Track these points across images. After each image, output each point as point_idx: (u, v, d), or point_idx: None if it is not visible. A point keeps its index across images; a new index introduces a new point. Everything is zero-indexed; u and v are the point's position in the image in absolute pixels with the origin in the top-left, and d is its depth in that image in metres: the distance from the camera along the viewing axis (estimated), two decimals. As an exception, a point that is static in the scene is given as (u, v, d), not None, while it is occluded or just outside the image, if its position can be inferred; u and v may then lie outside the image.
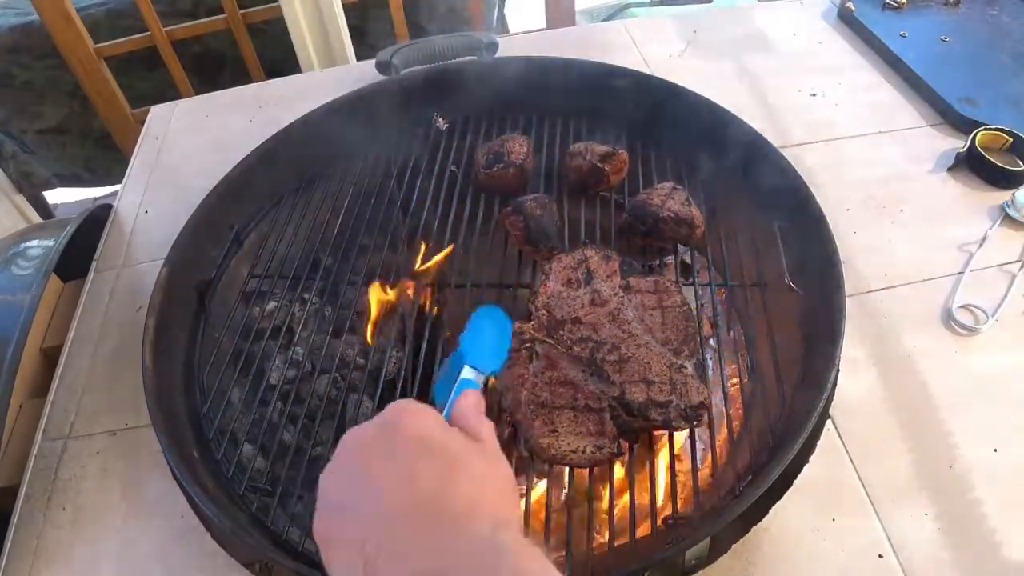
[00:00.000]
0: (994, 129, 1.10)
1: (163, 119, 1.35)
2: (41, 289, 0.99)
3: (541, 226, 0.90)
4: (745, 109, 1.04)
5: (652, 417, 0.72)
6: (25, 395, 0.96)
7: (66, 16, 1.57)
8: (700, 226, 0.92)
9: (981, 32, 1.34)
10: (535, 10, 1.97)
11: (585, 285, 0.84)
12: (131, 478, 0.85)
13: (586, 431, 0.72)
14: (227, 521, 0.70)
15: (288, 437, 0.85)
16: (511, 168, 0.99)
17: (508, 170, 0.99)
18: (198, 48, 1.84)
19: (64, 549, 0.80)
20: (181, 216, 0.98)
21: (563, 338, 0.79)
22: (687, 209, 0.91)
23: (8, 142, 2.05)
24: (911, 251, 0.99)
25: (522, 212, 0.91)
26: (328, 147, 1.12)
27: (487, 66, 1.19)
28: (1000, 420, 0.82)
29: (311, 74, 1.55)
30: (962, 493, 0.77)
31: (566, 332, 0.79)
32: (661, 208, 0.91)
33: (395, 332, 0.93)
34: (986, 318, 0.91)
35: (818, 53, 1.35)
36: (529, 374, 0.76)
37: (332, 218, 1.03)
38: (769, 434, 0.77)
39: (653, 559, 0.65)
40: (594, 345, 0.78)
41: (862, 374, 0.87)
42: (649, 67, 1.32)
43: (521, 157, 1.00)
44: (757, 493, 0.67)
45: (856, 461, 0.79)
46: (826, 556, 0.73)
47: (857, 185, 1.08)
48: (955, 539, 0.73)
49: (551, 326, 0.80)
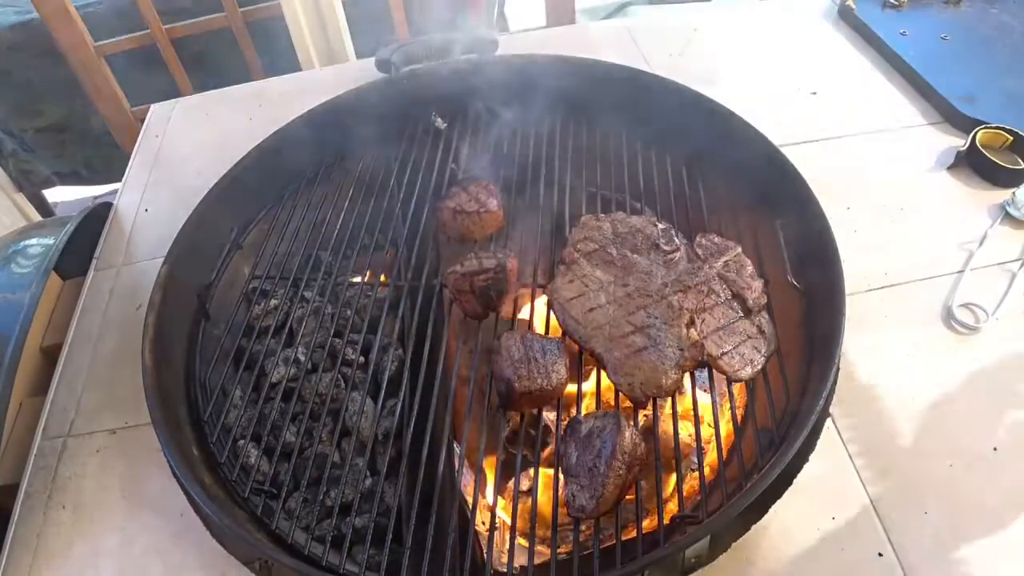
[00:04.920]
0: (994, 127, 1.10)
1: (163, 117, 1.35)
2: (41, 287, 0.99)
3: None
4: (745, 107, 1.03)
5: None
6: (25, 393, 0.96)
7: (66, 14, 1.56)
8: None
9: (981, 30, 1.34)
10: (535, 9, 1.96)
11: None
12: (131, 476, 0.85)
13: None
14: (226, 519, 0.70)
15: (290, 437, 0.85)
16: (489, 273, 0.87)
17: (486, 274, 0.87)
18: (198, 47, 1.84)
19: (64, 546, 0.80)
20: (181, 214, 0.98)
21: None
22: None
23: (8, 140, 2.05)
24: (911, 250, 0.99)
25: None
26: (328, 146, 1.11)
27: (487, 64, 1.19)
28: (1000, 418, 0.82)
29: (311, 72, 1.55)
30: (962, 492, 0.76)
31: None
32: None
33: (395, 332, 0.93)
34: (986, 316, 0.91)
35: (818, 51, 1.34)
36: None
37: (332, 217, 1.03)
38: (770, 433, 0.77)
39: (653, 557, 0.65)
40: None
41: (863, 372, 0.87)
42: (649, 65, 1.32)
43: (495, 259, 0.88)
44: (757, 492, 0.67)
45: (856, 461, 0.79)
46: (826, 555, 0.73)
47: (857, 184, 1.08)
48: (955, 539, 0.73)
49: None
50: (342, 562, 0.71)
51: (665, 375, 0.78)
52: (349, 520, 0.76)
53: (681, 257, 0.90)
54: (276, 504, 0.77)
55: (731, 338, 0.82)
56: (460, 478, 0.79)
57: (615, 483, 0.70)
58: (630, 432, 0.72)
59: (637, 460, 0.72)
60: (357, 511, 0.78)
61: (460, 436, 0.79)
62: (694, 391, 0.83)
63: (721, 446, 0.81)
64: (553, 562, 0.69)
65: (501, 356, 0.79)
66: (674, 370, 0.79)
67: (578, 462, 0.72)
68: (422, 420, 0.80)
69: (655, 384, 0.78)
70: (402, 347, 0.91)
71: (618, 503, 0.71)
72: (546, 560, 0.71)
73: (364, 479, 0.81)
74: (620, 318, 0.83)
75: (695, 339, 0.81)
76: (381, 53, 1.25)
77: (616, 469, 0.70)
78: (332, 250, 1.00)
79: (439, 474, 0.74)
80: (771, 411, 0.79)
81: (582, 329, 0.83)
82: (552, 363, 0.79)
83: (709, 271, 0.88)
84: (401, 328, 0.91)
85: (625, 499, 0.72)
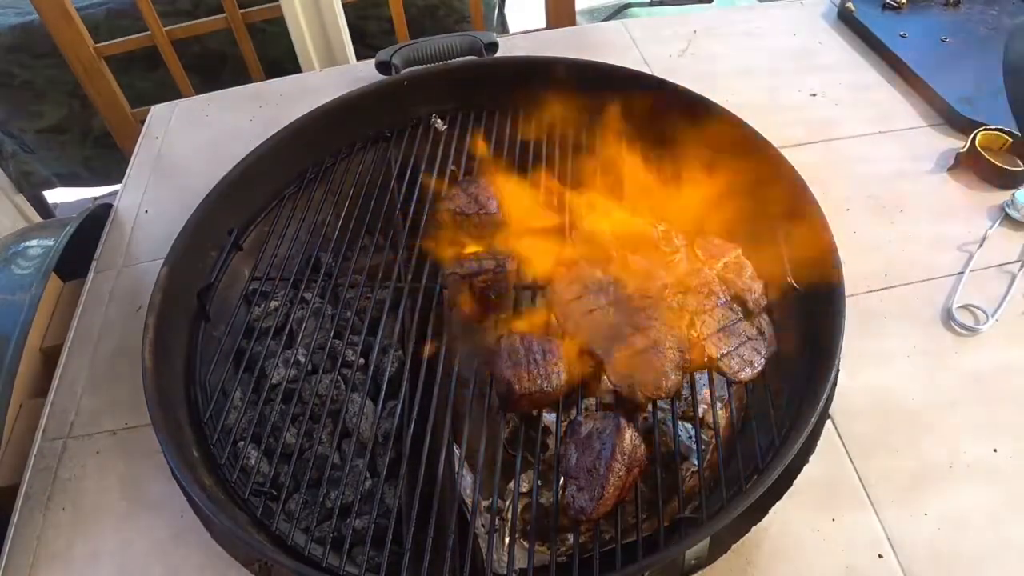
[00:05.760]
0: (994, 129, 1.10)
1: (163, 119, 1.35)
2: (41, 289, 0.99)
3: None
4: (745, 109, 1.03)
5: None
6: (25, 395, 0.96)
7: (66, 15, 1.56)
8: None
9: (981, 32, 1.34)
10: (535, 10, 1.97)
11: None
12: (131, 478, 0.85)
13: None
14: (226, 520, 0.70)
15: (290, 439, 0.85)
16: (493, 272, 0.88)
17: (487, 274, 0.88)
18: (198, 48, 1.84)
19: (64, 548, 0.80)
20: (181, 216, 0.98)
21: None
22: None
23: (8, 141, 2.05)
24: (911, 251, 0.99)
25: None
26: (328, 147, 1.12)
27: (487, 66, 1.19)
28: (1000, 420, 0.82)
29: (311, 74, 1.55)
30: (962, 493, 0.77)
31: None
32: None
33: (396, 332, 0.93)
34: (986, 318, 0.91)
35: (818, 53, 1.35)
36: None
37: (332, 218, 1.03)
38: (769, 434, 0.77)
39: (653, 559, 0.65)
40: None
41: (863, 374, 0.87)
42: (649, 67, 1.32)
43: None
44: (757, 493, 0.67)
45: (856, 461, 0.79)
46: (826, 556, 0.73)
47: (857, 185, 1.08)
48: (955, 539, 0.73)
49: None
50: (342, 563, 0.71)
51: (665, 376, 0.78)
52: (349, 521, 0.76)
53: (681, 259, 0.90)
54: (276, 505, 0.77)
55: (731, 339, 0.82)
56: (460, 480, 0.79)
57: (615, 484, 0.70)
58: (630, 433, 0.72)
59: (637, 462, 0.72)
60: (357, 512, 0.78)
61: (460, 438, 0.79)
62: (694, 392, 0.83)
63: (721, 447, 0.81)
64: (553, 564, 0.69)
65: (501, 358, 0.80)
66: (674, 372, 0.79)
67: (578, 463, 0.72)
68: (422, 422, 0.80)
69: (655, 385, 0.78)
70: (402, 349, 0.91)
71: (618, 505, 0.71)
72: (546, 562, 0.71)
73: (364, 480, 0.81)
74: (620, 320, 0.83)
75: (695, 341, 0.81)
76: (381, 55, 1.25)
77: (616, 471, 0.70)
78: (332, 251, 1.00)
79: (439, 476, 0.74)
80: (771, 412, 0.79)
81: (582, 331, 0.83)
82: (552, 365, 0.79)
83: (709, 273, 0.88)
84: (401, 330, 0.91)
85: (625, 500, 0.72)
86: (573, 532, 0.71)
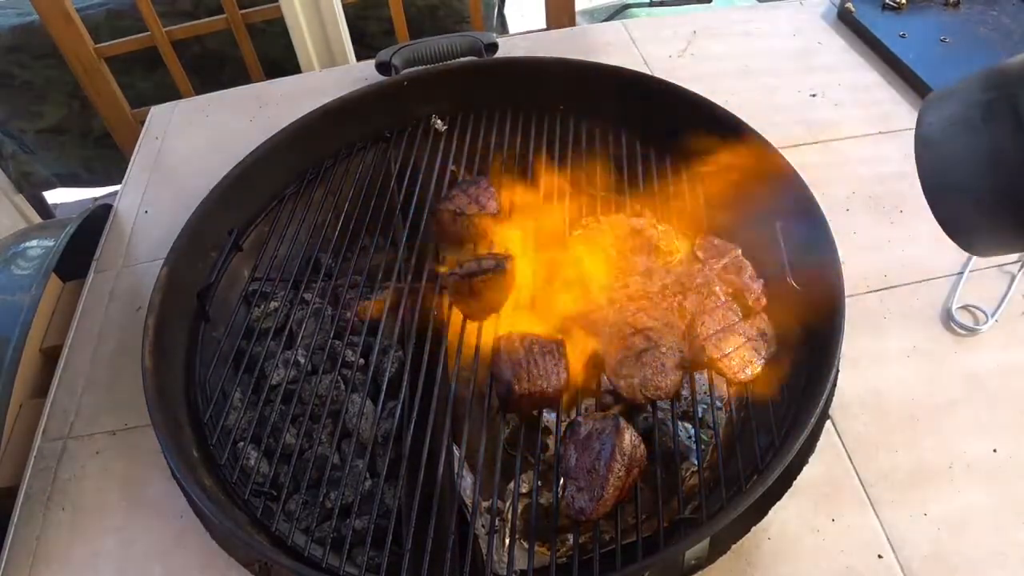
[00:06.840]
0: (994, 130, 1.10)
1: (163, 119, 1.35)
2: (41, 289, 0.99)
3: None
4: (745, 109, 1.03)
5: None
6: (25, 395, 0.96)
7: (66, 16, 1.56)
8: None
9: (981, 32, 1.34)
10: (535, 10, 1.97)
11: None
12: (131, 478, 0.85)
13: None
14: (226, 521, 0.70)
15: (290, 439, 0.85)
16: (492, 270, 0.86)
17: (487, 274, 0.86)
18: (198, 48, 1.84)
19: (64, 549, 0.80)
20: (181, 216, 0.98)
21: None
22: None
23: (8, 142, 2.05)
24: (911, 251, 0.99)
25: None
26: (328, 147, 1.12)
27: (487, 66, 1.19)
28: (1000, 420, 0.82)
29: (311, 74, 1.55)
30: (962, 493, 0.77)
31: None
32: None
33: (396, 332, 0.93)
34: (986, 318, 0.91)
35: (818, 53, 1.35)
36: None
37: (332, 218, 1.03)
38: (769, 434, 0.77)
39: (653, 560, 0.65)
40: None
41: (862, 374, 0.87)
42: (649, 67, 1.32)
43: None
44: (757, 493, 0.67)
45: (856, 461, 0.79)
46: (826, 556, 0.73)
47: (857, 185, 1.08)
48: (955, 539, 0.73)
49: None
50: (342, 564, 0.71)
51: (665, 377, 0.78)
52: (349, 522, 0.76)
53: (681, 259, 0.90)
54: (276, 506, 0.77)
55: (731, 340, 0.82)
56: (460, 480, 0.79)
57: (614, 485, 0.70)
58: (630, 434, 0.72)
59: (636, 462, 0.72)
60: (357, 513, 0.78)
61: (460, 438, 0.79)
62: (693, 392, 0.83)
63: (720, 447, 0.81)
64: (553, 565, 0.69)
65: (501, 358, 0.80)
66: (674, 372, 0.79)
67: (577, 464, 0.72)
68: (422, 422, 0.80)
69: (655, 386, 0.78)
70: (402, 349, 0.91)
71: (618, 505, 0.71)
72: (546, 563, 0.71)
73: (364, 481, 0.81)
74: (620, 320, 0.83)
75: (695, 341, 0.81)
76: (381, 55, 1.25)
77: (615, 471, 0.70)
78: (332, 252, 1.00)
79: (439, 476, 0.74)
80: (771, 413, 0.79)
81: (582, 331, 0.83)
82: (552, 365, 0.79)
83: (709, 273, 0.88)
84: (401, 330, 0.91)
85: (625, 501, 0.72)
86: (573, 533, 0.71)
